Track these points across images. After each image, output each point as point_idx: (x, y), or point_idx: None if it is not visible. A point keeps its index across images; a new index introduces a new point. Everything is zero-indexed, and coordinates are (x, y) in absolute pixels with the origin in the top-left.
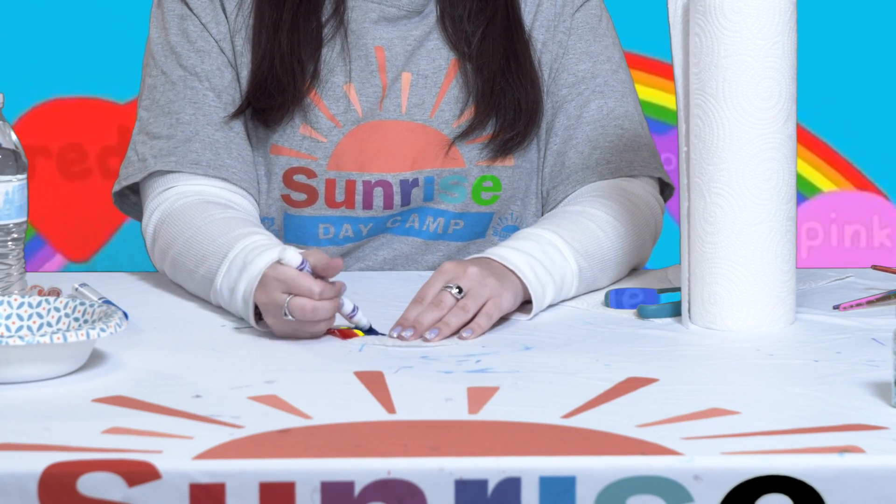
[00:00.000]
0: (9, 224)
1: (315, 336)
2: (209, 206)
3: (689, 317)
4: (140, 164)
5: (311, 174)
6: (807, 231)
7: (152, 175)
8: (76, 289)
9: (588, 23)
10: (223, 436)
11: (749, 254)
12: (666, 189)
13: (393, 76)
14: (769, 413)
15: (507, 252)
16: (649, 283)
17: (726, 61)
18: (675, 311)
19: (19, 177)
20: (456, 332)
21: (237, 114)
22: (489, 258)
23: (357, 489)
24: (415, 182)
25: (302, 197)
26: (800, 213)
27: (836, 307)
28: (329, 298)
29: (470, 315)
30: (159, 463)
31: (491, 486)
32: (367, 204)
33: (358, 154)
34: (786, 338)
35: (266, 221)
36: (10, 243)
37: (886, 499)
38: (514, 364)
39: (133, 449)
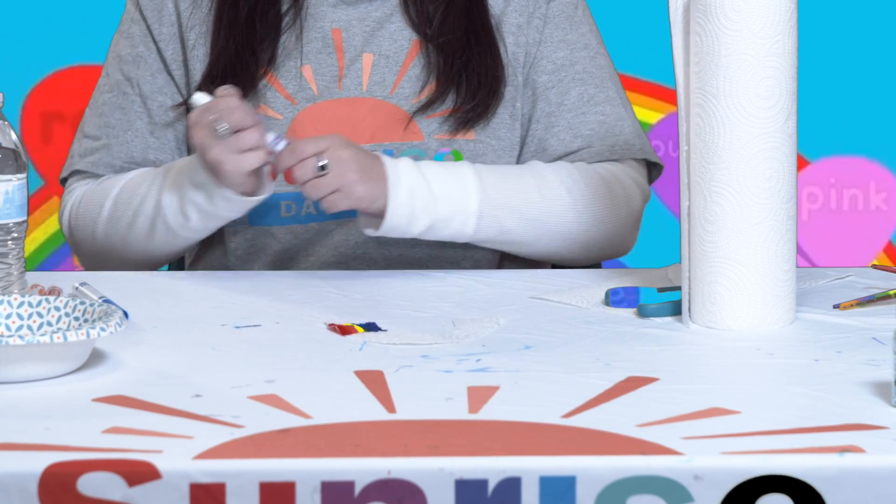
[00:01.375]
0: (9, 223)
1: (251, 161)
2: (124, 175)
3: (690, 316)
4: (69, 161)
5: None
6: (807, 195)
7: (74, 172)
8: (76, 288)
9: (564, 11)
10: (223, 435)
11: (749, 253)
12: (654, 169)
13: (351, 57)
14: (769, 413)
15: (403, 165)
16: (649, 282)
17: (727, 60)
18: (676, 310)
19: (19, 176)
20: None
21: (182, 105)
22: (379, 156)
23: (357, 489)
24: None
25: None
26: (801, 178)
27: (836, 306)
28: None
29: (316, 198)
30: (159, 463)
31: (491, 486)
32: None
33: (315, 129)
34: (786, 337)
35: None
36: (9, 242)
37: (886, 499)
38: (514, 363)
39: (133, 449)
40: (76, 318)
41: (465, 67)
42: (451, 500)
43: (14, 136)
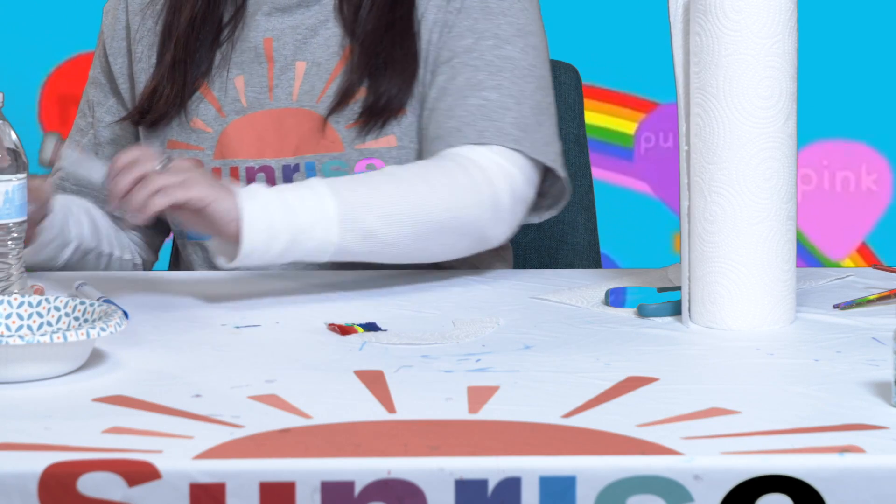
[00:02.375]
0: (9, 223)
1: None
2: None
3: (690, 316)
4: None
5: (198, 164)
6: (802, 177)
7: None
8: (76, 288)
9: (482, 1)
10: (223, 435)
11: (749, 253)
12: (553, 178)
13: (282, 66)
14: (769, 413)
15: (252, 185)
16: (649, 282)
17: (727, 60)
18: (676, 310)
19: (19, 176)
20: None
21: (124, 119)
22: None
23: (357, 489)
24: (296, 167)
25: None
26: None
27: (836, 306)
28: None
29: (149, 188)
30: (159, 463)
31: (491, 486)
32: None
33: (242, 142)
34: (786, 337)
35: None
36: (9, 243)
37: (886, 499)
38: (514, 363)
39: (133, 449)
40: (76, 318)
41: (375, 57)
42: (451, 500)
43: (14, 136)
